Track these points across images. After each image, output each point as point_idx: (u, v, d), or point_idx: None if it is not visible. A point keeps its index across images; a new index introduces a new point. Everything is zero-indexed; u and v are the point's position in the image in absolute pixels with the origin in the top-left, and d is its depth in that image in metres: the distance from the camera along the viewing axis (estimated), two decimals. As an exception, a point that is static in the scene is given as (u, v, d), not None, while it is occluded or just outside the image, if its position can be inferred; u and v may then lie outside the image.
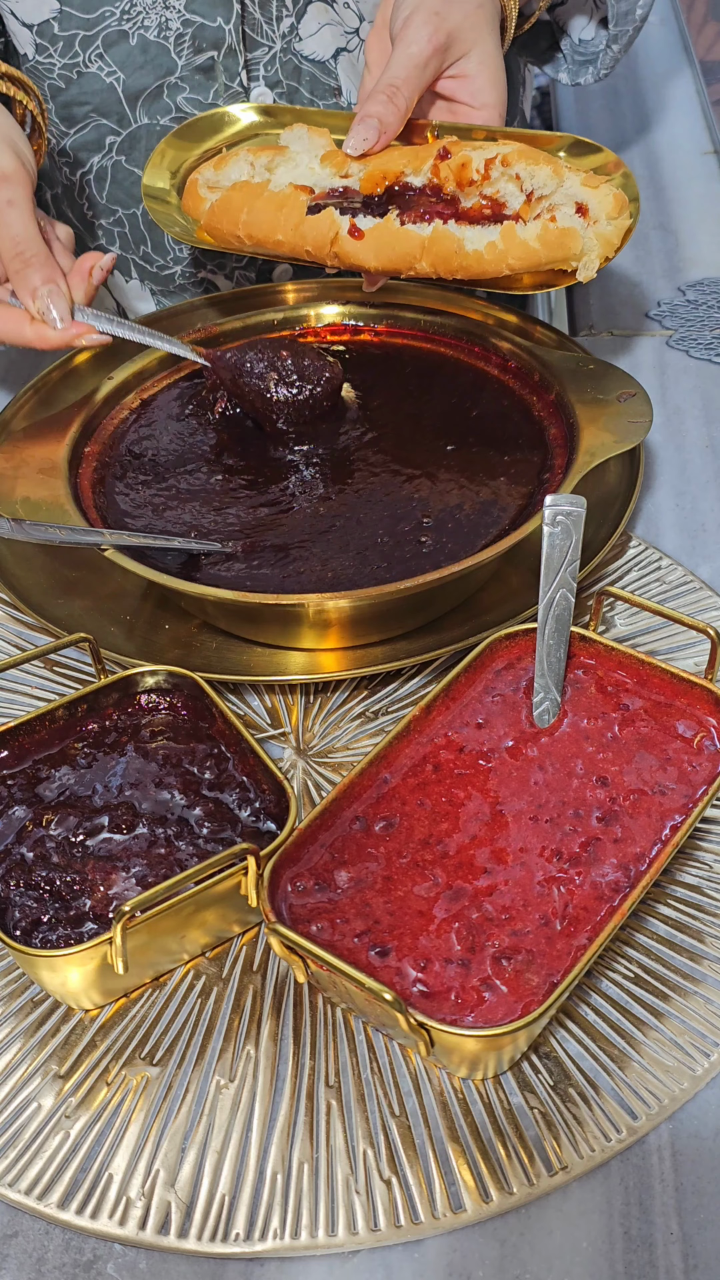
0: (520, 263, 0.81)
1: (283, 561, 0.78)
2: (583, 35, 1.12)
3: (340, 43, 1.01)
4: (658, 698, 0.69)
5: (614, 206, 0.81)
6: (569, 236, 0.80)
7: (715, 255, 1.16)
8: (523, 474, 0.84)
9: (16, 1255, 0.56)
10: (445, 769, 0.67)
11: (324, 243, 0.84)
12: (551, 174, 0.82)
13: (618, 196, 0.82)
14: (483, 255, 0.81)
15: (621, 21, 1.06)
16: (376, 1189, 0.57)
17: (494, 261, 0.82)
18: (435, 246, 0.82)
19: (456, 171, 0.84)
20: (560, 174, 0.82)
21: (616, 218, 0.82)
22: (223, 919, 0.64)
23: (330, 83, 1.03)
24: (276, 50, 1.00)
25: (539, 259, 0.81)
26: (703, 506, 0.90)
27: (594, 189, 0.81)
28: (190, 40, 0.98)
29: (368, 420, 0.90)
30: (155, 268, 1.10)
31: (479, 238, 0.82)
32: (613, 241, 0.82)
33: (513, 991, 0.58)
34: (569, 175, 0.82)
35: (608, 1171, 0.57)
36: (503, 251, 0.81)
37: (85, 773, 0.69)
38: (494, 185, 0.83)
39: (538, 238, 0.80)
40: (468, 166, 0.83)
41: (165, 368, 0.94)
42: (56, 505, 0.80)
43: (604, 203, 0.81)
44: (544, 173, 0.82)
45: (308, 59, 1.01)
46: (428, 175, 0.84)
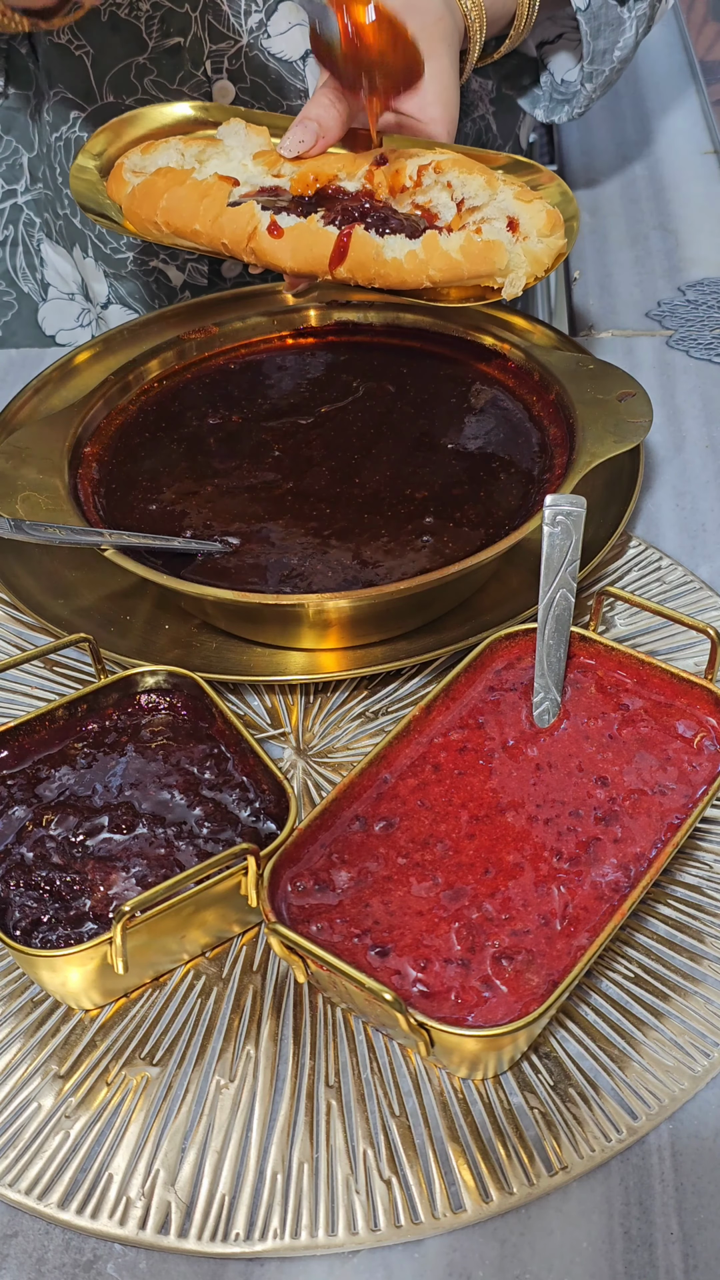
0: (441, 274, 0.78)
1: (283, 561, 0.79)
2: (565, 76, 1.11)
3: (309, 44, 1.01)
4: (658, 698, 0.69)
5: (546, 223, 0.78)
6: (493, 250, 0.77)
7: (715, 255, 1.16)
8: (523, 474, 0.84)
9: (16, 1255, 0.56)
10: (445, 769, 0.67)
11: (241, 237, 0.82)
12: (484, 184, 0.79)
13: (551, 213, 0.79)
14: (401, 264, 0.78)
15: (598, 60, 1.05)
16: (376, 1189, 0.57)
17: (413, 271, 0.79)
18: (353, 250, 0.79)
19: (390, 178, 0.81)
20: (494, 185, 0.79)
21: (549, 235, 0.79)
22: (223, 919, 0.64)
23: (297, 84, 1.02)
24: (243, 45, 0.99)
25: (460, 272, 0.78)
26: (703, 506, 0.90)
27: (526, 203, 0.78)
28: (159, 23, 0.98)
29: (367, 420, 0.90)
30: (109, 249, 1.10)
31: (399, 245, 0.78)
32: (542, 261, 0.79)
33: (513, 991, 0.58)
34: (503, 188, 0.79)
35: (608, 1171, 0.57)
36: (423, 261, 0.78)
37: (85, 773, 0.69)
38: (426, 194, 0.81)
39: (460, 249, 0.77)
40: (401, 173, 0.81)
41: (165, 367, 0.94)
42: (56, 505, 0.80)
43: (536, 219, 0.78)
44: (477, 182, 0.79)
45: (275, 57, 1.01)
46: (361, 181, 0.82)
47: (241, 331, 0.97)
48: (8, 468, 0.83)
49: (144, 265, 1.10)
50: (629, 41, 1.05)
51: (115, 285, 1.13)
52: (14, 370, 1.09)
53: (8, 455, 0.84)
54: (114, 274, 1.12)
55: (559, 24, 1.08)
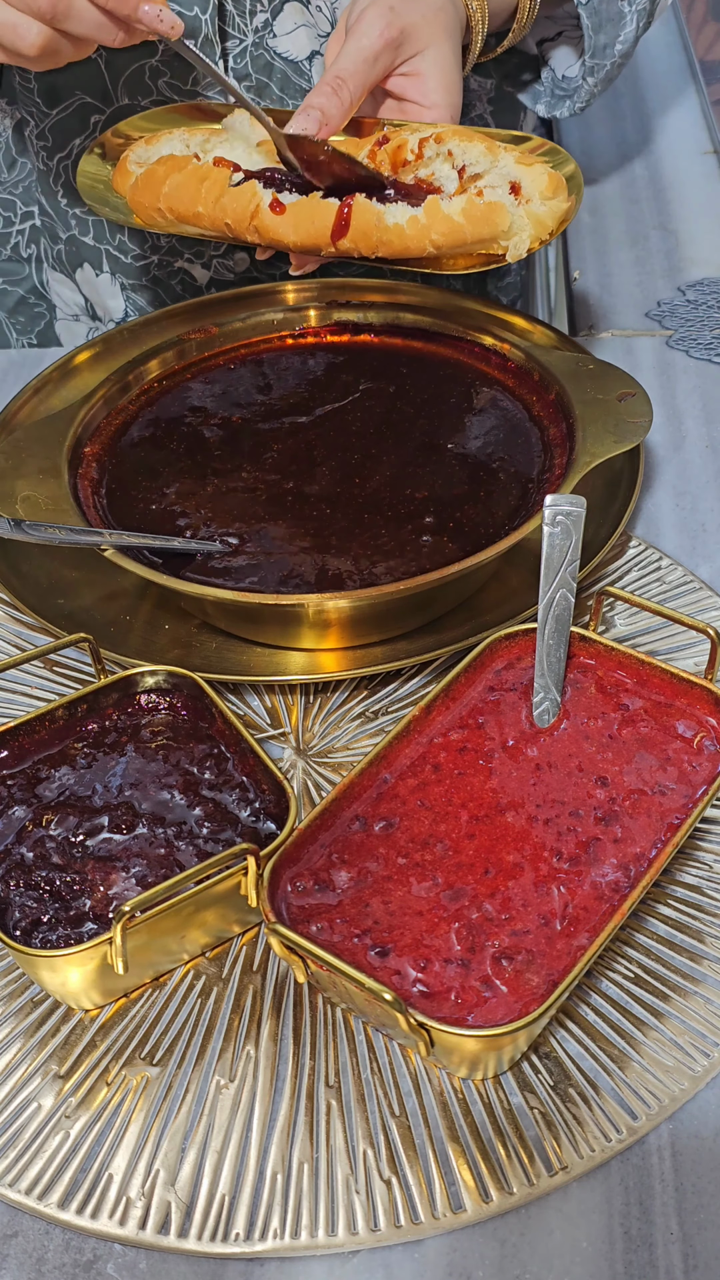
0: (444, 239, 0.78)
1: (283, 561, 0.78)
2: (566, 72, 1.11)
3: (315, 45, 1.01)
4: (658, 698, 0.69)
5: (548, 185, 0.78)
6: (496, 211, 0.77)
7: (715, 255, 1.16)
8: (523, 474, 0.84)
9: (16, 1255, 0.56)
10: (445, 769, 0.67)
11: (244, 216, 0.82)
12: (485, 151, 0.79)
13: (553, 175, 0.79)
14: (404, 230, 0.78)
15: (599, 55, 1.05)
16: (376, 1189, 0.57)
17: (416, 237, 0.79)
18: (355, 219, 0.79)
19: (391, 154, 0.82)
20: (495, 152, 0.79)
21: (551, 198, 0.78)
22: (223, 919, 0.64)
23: (302, 84, 1.02)
24: (248, 44, 0.99)
25: (463, 236, 0.78)
26: (703, 506, 0.90)
27: (528, 166, 0.79)
28: None
29: (367, 420, 0.90)
30: (130, 258, 1.10)
31: (400, 212, 0.79)
32: (546, 223, 0.79)
33: (513, 991, 0.58)
34: (503, 154, 0.79)
35: (608, 1171, 0.57)
36: (425, 226, 0.78)
37: (85, 773, 0.69)
38: (428, 166, 0.81)
39: (462, 212, 0.77)
40: (402, 148, 0.82)
41: (165, 367, 0.94)
42: (56, 505, 0.80)
43: (538, 181, 0.78)
44: (477, 149, 0.79)
45: (281, 56, 1.01)
46: (364, 161, 0.83)
47: (241, 331, 0.97)
48: (8, 468, 0.83)
49: (169, 267, 1.10)
50: (629, 36, 1.06)
51: (133, 297, 1.13)
52: (14, 370, 1.09)
53: (8, 455, 0.84)
54: (132, 284, 1.12)
55: (558, 23, 1.08)
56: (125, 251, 1.10)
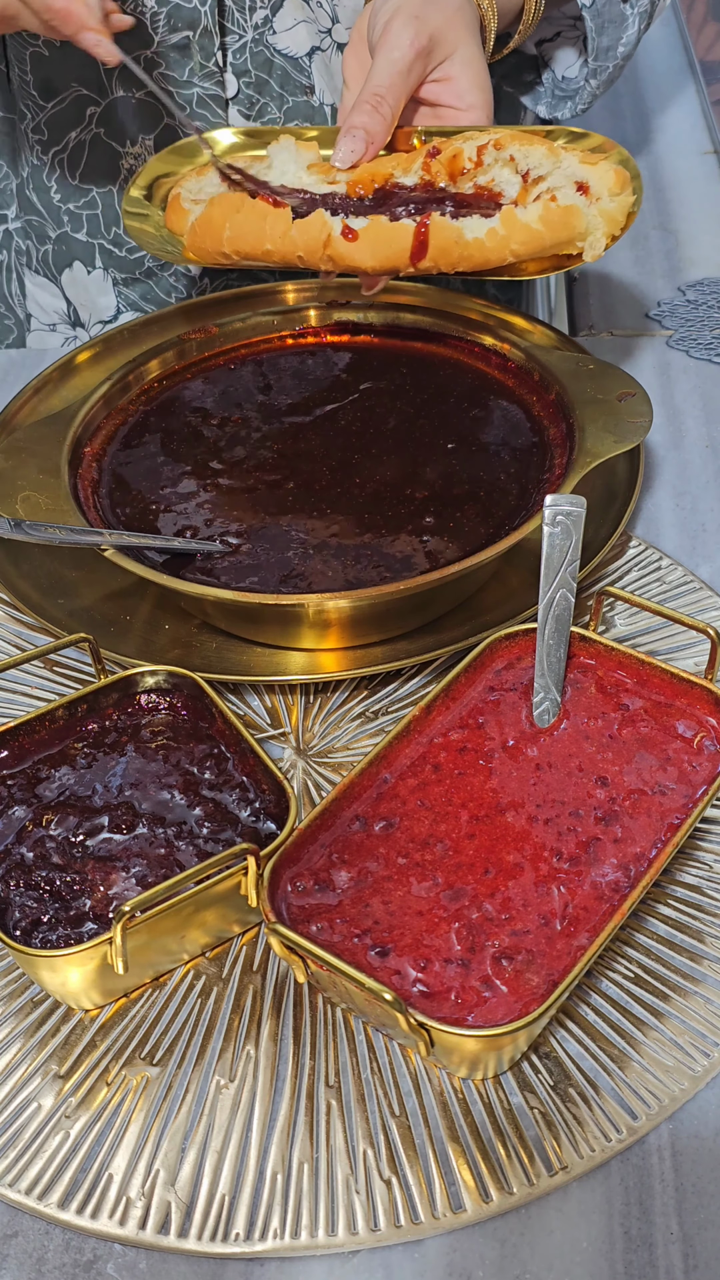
0: (524, 247, 0.79)
1: (283, 561, 0.78)
2: (566, 73, 1.11)
3: (315, 41, 1.01)
4: (658, 698, 0.69)
5: (615, 182, 0.79)
6: (572, 215, 0.78)
7: (715, 255, 1.16)
8: (523, 474, 0.84)
9: (16, 1255, 0.56)
10: (445, 769, 0.67)
11: (316, 246, 0.81)
12: (547, 153, 0.80)
13: (619, 172, 0.79)
14: (484, 243, 0.79)
15: (602, 57, 1.05)
16: (376, 1189, 0.57)
17: (496, 249, 0.79)
18: (433, 238, 0.79)
19: (448, 164, 0.82)
20: (556, 154, 0.80)
21: (619, 194, 0.79)
22: (223, 919, 0.64)
23: (302, 80, 1.02)
24: (248, 39, 0.99)
25: (543, 242, 0.79)
26: (703, 506, 0.90)
27: (593, 165, 0.79)
28: (165, 19, 0.98)
29: (367, 420, 0.90)
30: (125, 250, 1.10)
31: (478, 225, 0.79)
32: (617, 219, 0.79)
33: (513, 991, 0.58)
34: (565, 155, 0.80)
35: (608, 1171, 0.57)
36: (504, 237, 0.78)
37: (85, 773, 0.69)
38: (488, 173, 0.81)
39: (540, 219, 0.78)
40: (459, 157, 0.81)
41: (165, 367, 0.94)
42: (56, 505, 0.80)
43: (605, 179, 0.79)
44: (539, 152, 0.80)
45: (281, 53, 1.01)
46: (419, 174, 0.83)
47: (241, 331, 0.97)
48: (8, 468, 0.83)
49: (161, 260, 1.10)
50: (631, 38, 1.06)
51: (125, 292, 1.12)
52: (14, 370, 1.08)
53: (8, 455, 0.84)
54: (125, 279, 1.11)
55: (555, 24, 1.08)
56: (120, 244, 1.09)
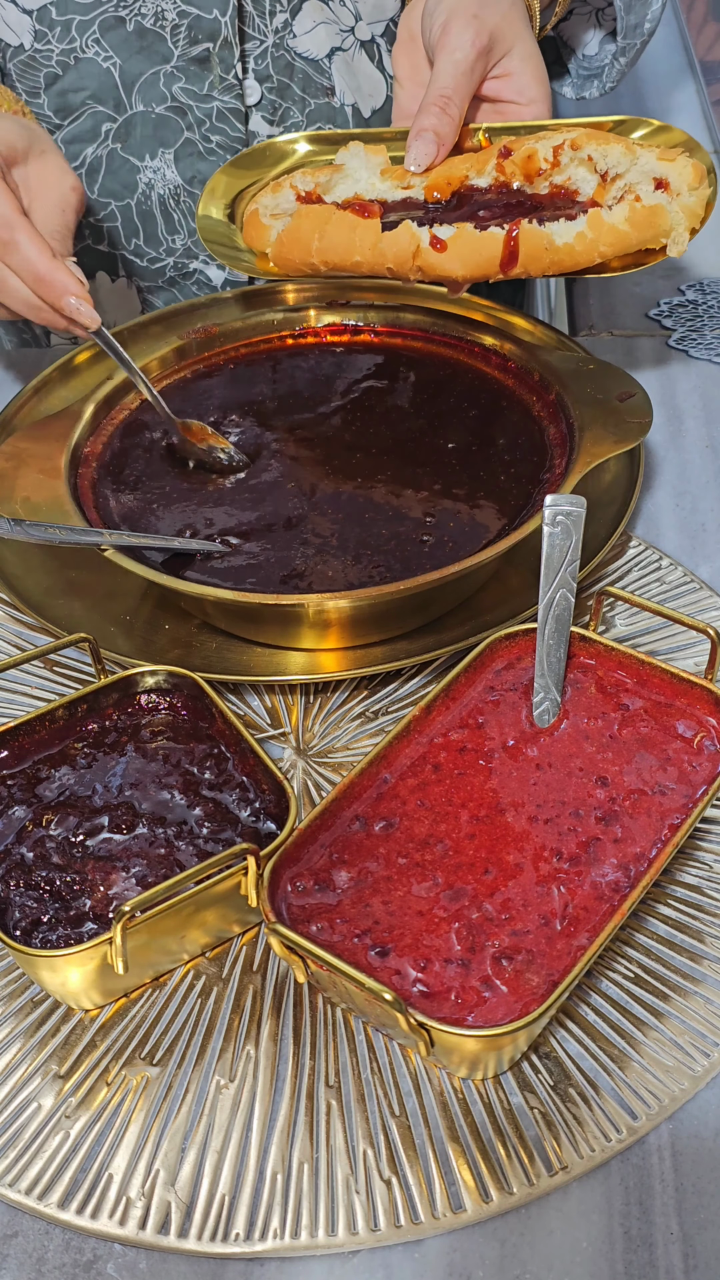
0: (612, 248, 0.81)
1: (283, 561, 0.78)
2: (588, 50, 1.11)
3: (335, 42, 1.01)
4: (658, 698, 0.69)
5: (694, 176, 0.80)
6: (658, 214, 0.79)
7: (715, 255, 1.16)
8: (523, 474, 0.84)
9: (16, 1255, 0.56)
10: (445, 769, 0.67)
11: (406, 257, 0.83)
12: (624, 152, 0.81)
13: (696, 166, 0.80)
14: (573, 247, 0.81)
15: (630, 34, 1.06)
16: (376, 1189, 0.57)
17: (585, 251, 0.81)
18: (523, 245, 0.81)
19: (523, 164, 0.83)
20: (632, 151, 0.81)
21: (698, 188, 0.80)
22: (223, 919, 0.64)
23: (323, 81, 1.02)
24: (269, 45, 1.00)
25: (630, 241, 0.80)
26: (703, 506, 0.90)
27: (671, 162, 0.80)
28: (186, 31, 0.98)
29: (368, 420, 0.90)
30: (146, 261, 1.10)
31: (566, 230, 0.81)
32: (697, 212, 0.81)
33: (513, 991, 0.58)
34: (641, 152, 0.81)
35: (608, 1171, 0.57)
36: (593, 240, 0.80)
37: (85, 773, 0.69)
38: (564, 172, 0.82)
39: (626, 220, 0.80)
40: (534, 158, 0.83)
41: (166, 367, 0.94)
42: (56, 505, 0.80)
43: (684, 174, 0.80)
44: (616, 151, 0.81)
45: (301, 56, 1.01)
46: (492, 174, 0.84)
47: (241, 331, 0.97)
48: (8, 468, 0.83)
49: (184, 269, 1.10)
50: (656, 13, 1.06)
51: (150, 300, 1.12)
52: (14, 370, 1.09)
53: (8, 455, 0.84)
54: (149, 287, 1.12)
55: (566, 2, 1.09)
56: (141, 255, 1.10)
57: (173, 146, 1.04)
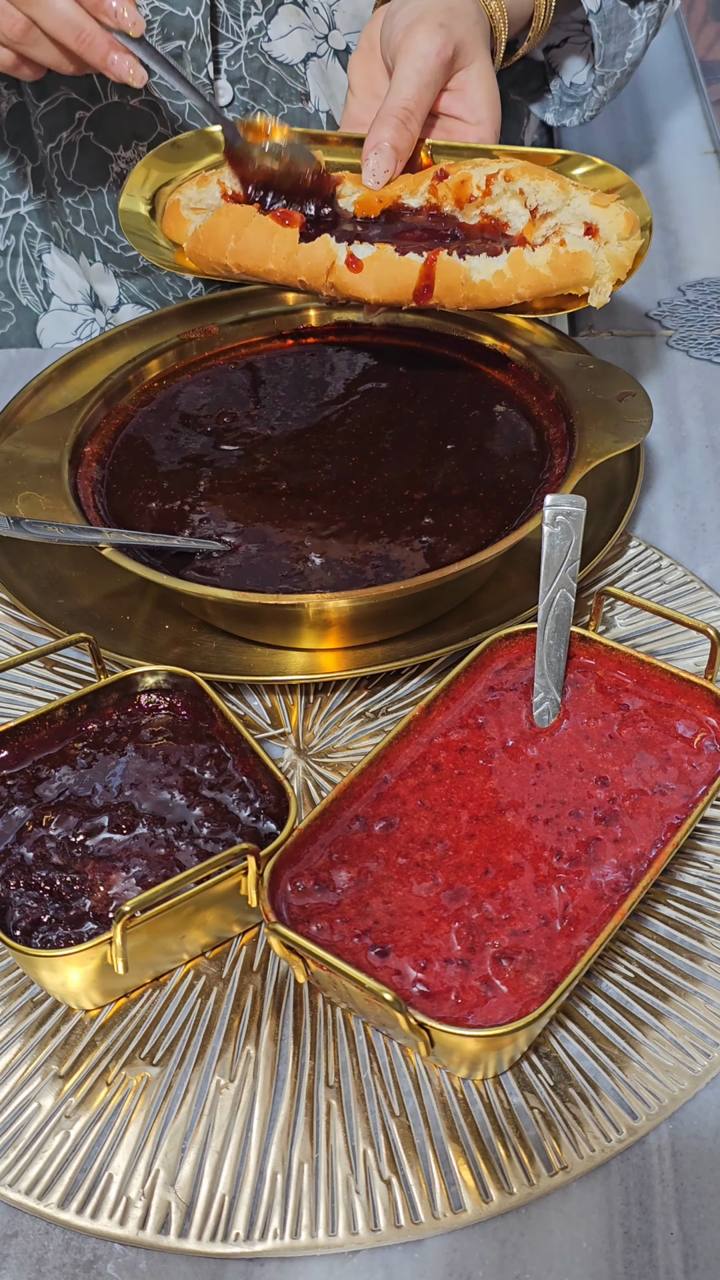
0: (530, 290, 0.78)
1: (283, 561, 0.79)
2: (574, 79, 1.10)
3: (311, 48, 1.00)
4: (658, 698, 0.69)
5: (625, 226, 0.77)
6: (581, 261, 0.77)
7: (715, 255, 1.16)
8: (523, 474, 0.84)
9: (16, 1255, 0.56)
10: (445, 769, 0.67)
11: (320, 272, 0.80)
12: (558, 189, 0.78)
13: (629, 216, 0.78)
14: (490, 285, 0.78)
15: (609, 63, 1.04)
16: (376, 1189, 0.57)
17: (503, 291, 0.78)
18: (439, 277, 0.78)
19: (455, 189, 0.81)
20: (566, 190, 0.78)
21: (627, 238, 0.78)
22: (223, 919, 0.64)
23: (298, 87, 1.02)
24: (242, 46, 0.99)
25: (549, 286, 0.78)
26: (703, 506, 0.90)
27: (604, 208, 0.78)
28: (159, 28, 0.98)
29: (367, 420, 0.90)
30: (119, 249, 1.10)
31: (485, 267, 0.78)
32: (624, 263, 0.78)
33: (513, 991, 0.58)
34: (576, 193, 0.78)
35: (608, 1171, 0.57)
36: (511, 280, 0.78)
37: (85, 773, 0.69)
38: (495, 203, 0.80)
39: (548, 264, 0.77)
40: (467, 184, 0.80)
41: (165, 367, 0.94)
42: (56, 505, 0.80)
43: (615, 223, 0.77)
44: (549, 188, 0.78)
45: (276, 60, 1.00)
46: (425, 196, 0.82)
47: (242, 331, 0.97)
48: (8, 468, 0.83)
49: None
50: (639, 44, 1.05)
51: (126, 284, 1.13)
52: (14, 370, 1.09)
53: (8, 455, 0.84)
54: (124, 273, 1.11)
55: (564, 29, 1.08)
56: (115, 242, 1.09)
57: (147, 139, 1.03)
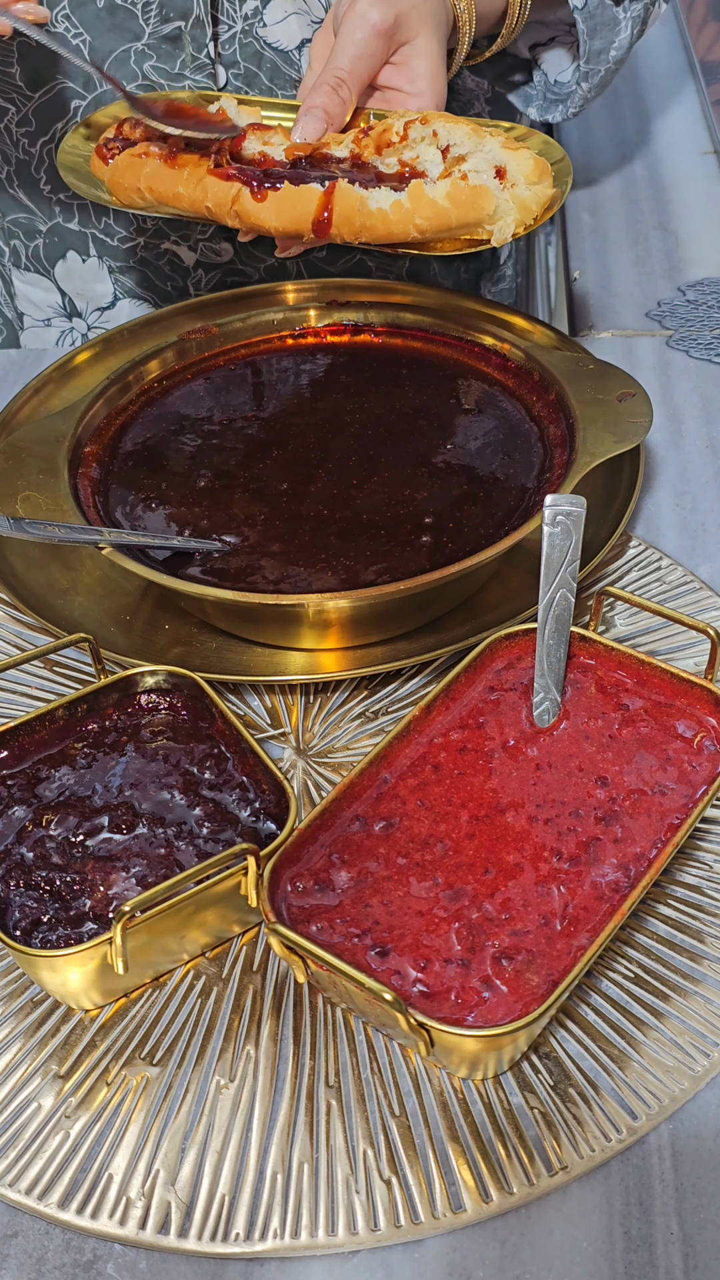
0: (429, 223, 0.78)
1: (282, 561, 0.78)
2: (559, 76, 1.10)
3: (306, 34, 1.00)
4: (658, 698, 0.69)
5: (534, 170, 0.78)
6: (481, 195, 0.77)
7: (715, 255, 1.16)
8: (523, 474, 0.84)
9: (16, 1255, 0.56)
10: (445, 769, 0.67)
11: (225, 200, 0.81)
12: (470, 133, 0.79)
13: (538, 161, 0.78)
14: (387, 214, 0.78)
15: (594, 60, 1.05)
16: (376, 1189, 0.57)
17: (400, 222, 0.78)
18: (337, 205, 0.79)
19: (376, 139, 0.82)
20: (480, 134, 0.79)
21: (537, 183, 0.78)
22: (223, 919, 0.64)
23: (292, 74, 1.01)
24: (237, 31, 0.99)
25: (448, 220, 0.77)
26: (703, 506, 0.90)
27: (513, 150, 0.78)
28: (158, 8, 0.97)
29: (367, 420, 0.90)
30: (116, 240, 1.10)
31: (383, 196, 0.78)
32: (531, 208, 0.78)
33: (513, 991, 0.58)
34: (489, 139, 0.79)
35: (608, 1171, 0.57)
36: (409, 211, 0.78)
37: (85, 773, 0.69)
38: (413, 149, 0.81)
39: (447, 195, 0.77)
40: (388, 131, 0.82)
41: (165, 367, 0.94)
42: (56, 505, 0.80)
43: (523, 166, 0.78)
44: (462, 131, 0.79)
45: (271, 46, 1.00)
46: (350, 146, 0.83)
47: (241, 331, 0.97)
48: (8, 468, 0.83)
49: (155, 249, 1.10)
50: (624, 42, 1.05)
51: (120, 279, 1.12)
52: (14, 370, 1.09)
53: (8, 455, 0.84)
54: (120, 267, 1.11)
55: (551, 28, 1.08)
56: (111, 234, 1.09)
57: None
